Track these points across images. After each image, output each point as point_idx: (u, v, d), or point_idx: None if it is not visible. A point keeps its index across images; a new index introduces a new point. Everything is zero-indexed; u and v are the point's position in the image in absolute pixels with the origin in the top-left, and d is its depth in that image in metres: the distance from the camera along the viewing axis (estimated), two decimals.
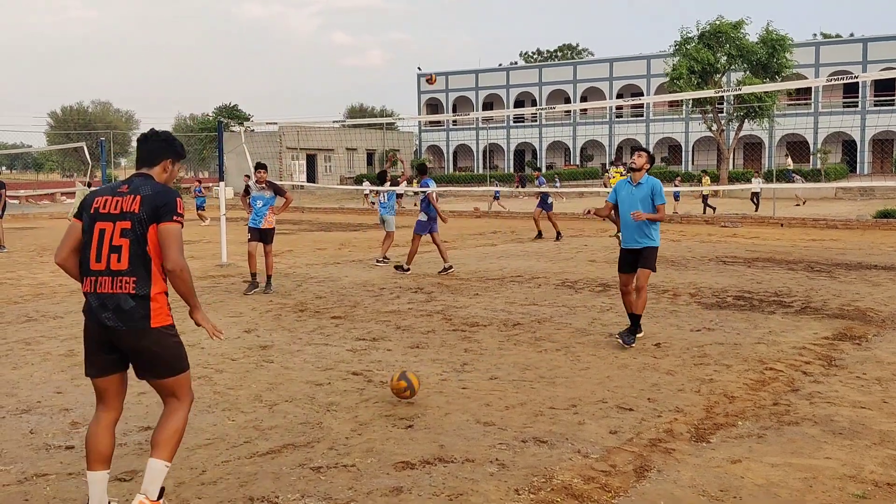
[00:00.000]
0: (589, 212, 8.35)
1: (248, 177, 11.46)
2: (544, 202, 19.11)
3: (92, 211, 3.76)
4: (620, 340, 7.47)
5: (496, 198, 33.48)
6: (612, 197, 7.99)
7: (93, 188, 25.77)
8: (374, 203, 37.63)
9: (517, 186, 34.95)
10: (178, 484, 4.27)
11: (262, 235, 11.36)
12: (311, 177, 60.48)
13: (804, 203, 31.03)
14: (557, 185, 37.23)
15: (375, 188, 15.37)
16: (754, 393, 5.91)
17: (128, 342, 3.69)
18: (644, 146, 8.21)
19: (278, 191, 11.56)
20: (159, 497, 3.72)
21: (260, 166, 11.60)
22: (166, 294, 3.78)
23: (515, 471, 4.40)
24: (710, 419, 5.30)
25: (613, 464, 4.50)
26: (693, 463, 4.51)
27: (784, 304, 9.72)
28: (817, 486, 4.17)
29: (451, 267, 13.02)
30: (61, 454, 4.76)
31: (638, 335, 7.65)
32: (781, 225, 23.21)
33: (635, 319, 7.65)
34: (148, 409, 5.64)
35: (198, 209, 29.13)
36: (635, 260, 7.72)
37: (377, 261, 14.27)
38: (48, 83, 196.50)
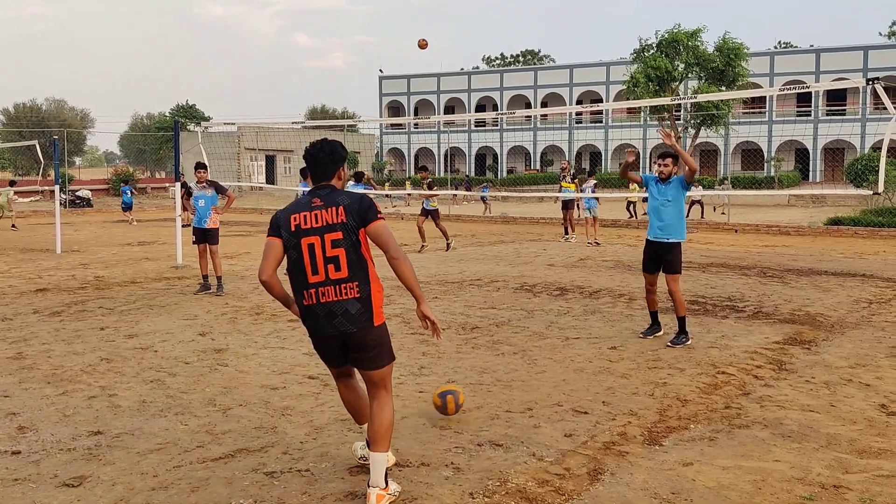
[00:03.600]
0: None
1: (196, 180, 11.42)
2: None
3: (293, 228, 4.00)
4: (670, 344, 7.68)
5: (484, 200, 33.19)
6: (646, 180, 8.06)
7: (14, 188, 25.22)
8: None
9: (465, 189, 34.95)
10: (128, 489, 4.19)
11: (206, 236, 11.24)
12: (271, 178, 59.95)
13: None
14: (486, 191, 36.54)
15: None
16: (706, 396, 5.99)
17: (357, 341, 4.00)
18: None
19: (220, 189, 11.44)
20: (386, 483, 4.02)
21: (200, 166, 11.52)
22: (381, 293, 4.08)
23: (470, 474, 4.41)
24: (663, 422, 5.36)
25: (567, 467, 4.53)
26: (646, 466, 4.56)
27: (737, 308, 9.89)
28: (766, 489, 4.24)
29: None
30: (7, 460, 4.64)
31: (686, 342, 7.75)
32: (735, 231, 23.61)
33: (681, 321, 7.83)
34: (98, 412, 5.53)
35: (124, 209, 28.85)
36: (659, 258, 7.86)
37: (593, 244, 17.95)
38: (0, 80, 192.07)
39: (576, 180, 20.37)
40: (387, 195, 40.25)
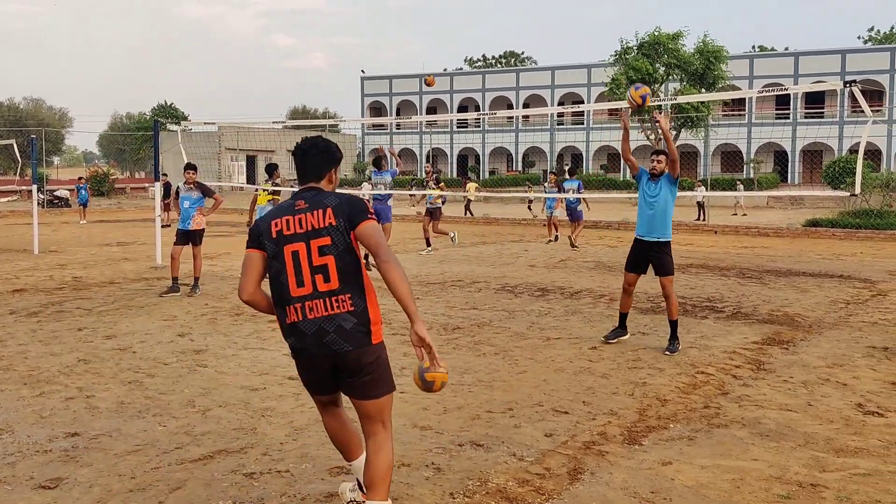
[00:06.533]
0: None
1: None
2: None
3: (274, 235, 3.51)
4: (667, 352, 7.44)
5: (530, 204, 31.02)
6: (640, 173, 7.86)
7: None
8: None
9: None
10: (106, 491, 4.16)
11: (191, 237, 11.22)
12: (251, 178, 59.64)
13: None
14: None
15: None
16: (686, 396, 6.03)
17: (351, 362, 3.46)
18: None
19: (206, 192, 11.40)
20: None
21: (189, 167, 11.48)
22: (378, 306, 3.57)
23: (451, 474, 4.41)
24: (643, 422, 5.39)
25: (548, 466, 4.54)
26: (625, 465, 4.58)
27: (716, 309, 9.95)
28: (744, 487, 4.27)
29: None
30: None
31: (678, 349, 7.58)
32: (715, 232, 23.78)
33: (673, 325, 7.71)
34: (76, 414, 5.48)
35: (83, 206, 28.75)
36: (645, 258, 7.79)
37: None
38: None
39: (441, 185, 19.16)
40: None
